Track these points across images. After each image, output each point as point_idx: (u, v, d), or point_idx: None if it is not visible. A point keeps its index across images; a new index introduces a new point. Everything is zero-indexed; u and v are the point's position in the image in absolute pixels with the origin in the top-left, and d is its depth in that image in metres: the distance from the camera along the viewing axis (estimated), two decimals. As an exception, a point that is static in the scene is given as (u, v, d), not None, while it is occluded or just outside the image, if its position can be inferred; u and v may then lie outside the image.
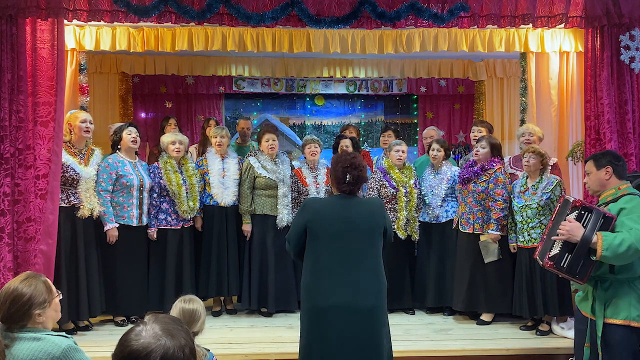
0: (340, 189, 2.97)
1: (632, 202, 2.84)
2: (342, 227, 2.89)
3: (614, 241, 2.67)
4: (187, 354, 1.35)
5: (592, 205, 2.93)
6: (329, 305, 2.80)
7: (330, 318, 2.79)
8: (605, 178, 2.98)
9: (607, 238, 2.70)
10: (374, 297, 2.87)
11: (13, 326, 2.09)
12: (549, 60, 5.02)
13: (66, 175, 4.28)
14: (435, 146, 5.00)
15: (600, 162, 3.00)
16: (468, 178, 4.72)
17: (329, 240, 2.88)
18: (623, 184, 2.99)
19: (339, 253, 2.86)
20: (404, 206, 4.89)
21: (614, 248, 2.65)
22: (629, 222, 2.74)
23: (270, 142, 4.90)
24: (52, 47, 4.14)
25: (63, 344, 2.09)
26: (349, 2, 4.30)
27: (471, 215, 4.70)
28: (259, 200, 4.88)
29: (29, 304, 2.10)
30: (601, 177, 2.99)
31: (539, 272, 4.40)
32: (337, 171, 2.96)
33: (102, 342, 4.10)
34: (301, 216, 2.96)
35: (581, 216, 2.86)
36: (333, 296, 2.80)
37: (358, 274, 2.85)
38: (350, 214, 2.93)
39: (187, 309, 2.74)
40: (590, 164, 3.05)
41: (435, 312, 5.02)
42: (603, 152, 3.23)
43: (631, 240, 2.65)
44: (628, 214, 2.78)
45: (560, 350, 4.17)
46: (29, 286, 2.13)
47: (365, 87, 7.85)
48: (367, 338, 2.83)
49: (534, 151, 4.41)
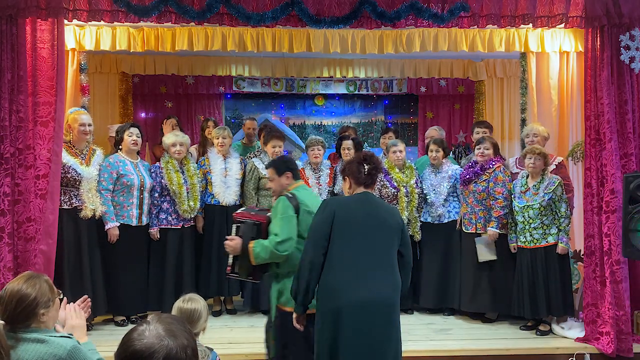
0: (360, 182, 2.98)
1: (278, 204, 3.24)
2: (370, 222, 2.89)
3: (258, 250, 3.15)
4: (189, 354, 1.35)
5: (244, 216, 3.39)
6: (359, 301, 2.75)
7: (361, 314, 2.75)
8: (287, 182, 3.37)
9: (255, 248, 3.18)
10: (396, 293, 2.88)
11: (18, 326, 2.09)
12: (549, 60, 5.02)
13: (67, 176, 4.29)
14: (433, 147, 5.01)
15: (280, 169, 3.39)
16: (469, 179, 4.73)
17: (356, 236, 2.85)
18: (293, 184, 3.39)
19: (366, 248, 2.84)
20: (405, 206, 4.89)
21: (259, 256, 3.16)
22: (273, 227, 3.20)
23: (277, 148, 4.87)
24: (52, 47, 4.14)
25: (68, 345, 2.09)
26: (349, 2, 4.29)
27: (473, 215, 4.71)
28: (264, 201, 4.89)
29: (35, 304, 2.11)
30: (282, 181, 3.38)
31: (541, 272, 4.40)
32: (352, 168, 3.01)
33: (102, 342, 4.08)
34: (324, 214, 2.87)
35: (238, 229, 3.36)
36: (362, 292, 2.77)
37: (383, 270, 2.86)
38: (376, 209, 2.95)
39: (185, 309, 2.73)
40: (271, 171, 3.43)
41: (435, 312, 5.02)
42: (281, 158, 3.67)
43: (268, 248, 3.11)
44: (273, 219, 3.24)
45: (560, 350, 4.17)
46: (33, 286, 2.14)
47: (365, 87, 7.85)
48: (393, 332, 2.85)
49: (539, 152, 4.41)
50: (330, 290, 2.80)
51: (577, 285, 4.73)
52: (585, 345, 4.21)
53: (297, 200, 3.22)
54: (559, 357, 4.14)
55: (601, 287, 4.20)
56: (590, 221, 4.28)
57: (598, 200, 4.25)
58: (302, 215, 3.21)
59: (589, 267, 4.27)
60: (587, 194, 4.32)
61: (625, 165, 4.27)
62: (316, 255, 2.83)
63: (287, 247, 3.13)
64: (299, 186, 3.41)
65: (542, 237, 4.42)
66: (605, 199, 4.20)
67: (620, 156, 4.26)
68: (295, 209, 3.20)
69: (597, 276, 4.22)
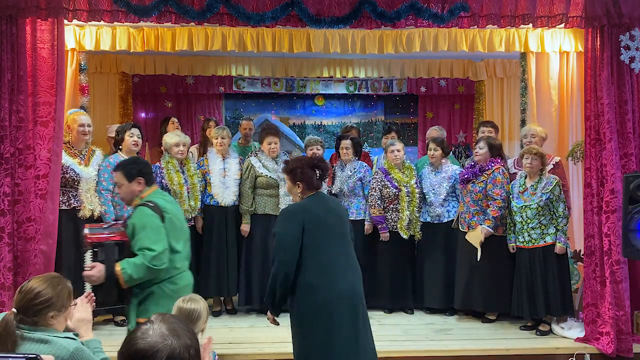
0: (313, 187, 3.13)
1: (140, 215, 2.99)
2: (331, 220, 3.08)
3: (130, 272, 2.89)
4: (192, 354, 1.36)
5: (100, 238, 3.02)
6: (340, 295, 2.94)
7: (342, 307, 2.93)
8: (138, 189, 3.10)
9: (125, 270, 2.90)
10: (361, 283, 3.13)
11: (26, 320, 2.10)
12: (549, 60, 5.02)
13: (66, 177, 4.29)
14: (432, 146, 5.02)
15: (130, 173, 3.10)
16: (467, 178, 4.73)
17: (326, 234, 3.01)
18: (147, 191, 3.13)
19: (336, 244, 3.04)
20: (406, 206, 4.90)
21: (132, 278, 2.90)
22: (141, 241, 2.92)
23: (273, 145, 4.90)
24: (52, 47, 4.13)
25: (71, 346, 2.10)
26: (349, 2, 4.29)
27: (467, 214, 4.71)
28: (260, 200, 4.88)
29: (49, 305, 2.12)
30: (133, 188, 3.10)
31: (540, 272, 4.40)
32: (307, 174, 3.09)
33: (102, 342, 4.09)
34: (293, 221, 2.99)
35: (96, 254, 2.98)
36: (341, 285, 2.96)
37: (352, 262, 3.09)
38: (329, 203, 3.18)
39: (185, 309, 2.72)
40: (119, 175, 3.13)
41: (435, 312, 5.02)
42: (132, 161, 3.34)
43: (143, 266, 2.88)
44: (138, 233, 2.95)
45: (560, 350, 4.17)
46: (54, 288, 2.16)
47: (365, 87, 7.85)
48: (367, 320, 3.10)
49: (536, 153, 4.42)
50: (310, 288, 2.93)
51: (577, 285, 4.73)
52: (585, 345, 4.21)
53: (160, 209, 3.01)
54: (559, 357, 4.15)
55: (601, 287, 4.20)
56: (590, 221, 4.28)
57: (598, 200, 4.25)
58: (168, 224, 3.01)
59: (589, 267, 4.27)
60: (587, 194, 4.32)
61: (625, 165, 4.27)
62: (291, 266, 2.94)
63: (164, 259, 2.93)
64: (155, 192, 3.17)
65: (540, 237, 4.42)
66: (605, 199, 4.20)
67: (620, 156, 4.26)
68: (161, 218, 2.99)
69: (597, 276, 4.21)
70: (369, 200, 4.97)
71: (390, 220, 4.95)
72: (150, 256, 2.89)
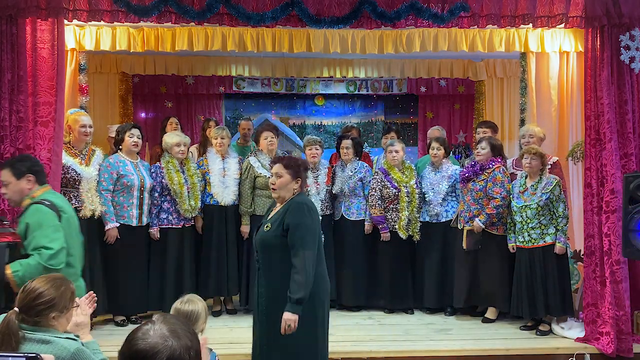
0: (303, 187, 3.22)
1: (36, 213, 2.83)
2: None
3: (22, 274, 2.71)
4: (192, 356, 1.36)
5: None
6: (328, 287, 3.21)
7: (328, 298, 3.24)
8: (28, 187, 2.95)
9: (18, 273, 2.72)
10: None
11: (27, 320, 2.10)
12: (549, 60, 5.02)
13: (67, 177, 4.29)
14: (435, 145, 5.02)
15: (19, 170, 2.94)
16: (468, 177, 4.74)
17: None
18: (38, 190, 2.97)
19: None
20: (406, 206, 4.90)
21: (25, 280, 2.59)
22: (37, 239, 2.76)
23: (269, 139, 4.90)
24: (52, 47, 4.13)
25: (72, 347, 2.09)
26: (349, 2, 4.29)
27: (467, 212, 4.72)
28: (259, 201, 4.87)
29: (51, 305, 2.12)
30: (22, 186, 2.95)
31: (539, 272, 4.40)
32: (304, 172, 3.19)
33: (102, 342, 4.04)
34: (315, 212, 3.14)
35: None
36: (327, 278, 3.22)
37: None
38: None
39: (183, 311, 2.69)
40: (6, 173, 2.96)
41: (435, 312, 5.02)
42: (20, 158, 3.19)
43: (39, 266, 2.72)
44: (33, 231, 2.80)
45: (560, 350, 4.17)
46: (57, 289, 2.16)
47: (365, 87, 7.85)
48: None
49: (535, 152, 4.42)
50: (324, 278, 3.15)
51: (577, 285, 4.73)
52: (585, 345, 4.21)
53: (57, 208, 2.91)
54: (559, 357, 4.15)
55: (601, 287, 4.20)
56: (590, 221, 4.28)
57: (598, 200, 4.25)
58: (65, 224, 2.92)
59: (589, 267, 4.27)
60: (587, 194, 4.32)
61: (625, 165, 4.27)
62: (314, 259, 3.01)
63: (62, 258, 2.81)
64: (49, 192, 3.05)
65: (539, 237, 4.42)
66: (605, 199, 4.20)
67: (620, 156, 4.26)
68: (58, 217, 2.88)
69: (597, 276, 4.22)
70: (369, 201, 4.97)
71: (390, 220, 4.95)
72: (47, 255, 2.76)
